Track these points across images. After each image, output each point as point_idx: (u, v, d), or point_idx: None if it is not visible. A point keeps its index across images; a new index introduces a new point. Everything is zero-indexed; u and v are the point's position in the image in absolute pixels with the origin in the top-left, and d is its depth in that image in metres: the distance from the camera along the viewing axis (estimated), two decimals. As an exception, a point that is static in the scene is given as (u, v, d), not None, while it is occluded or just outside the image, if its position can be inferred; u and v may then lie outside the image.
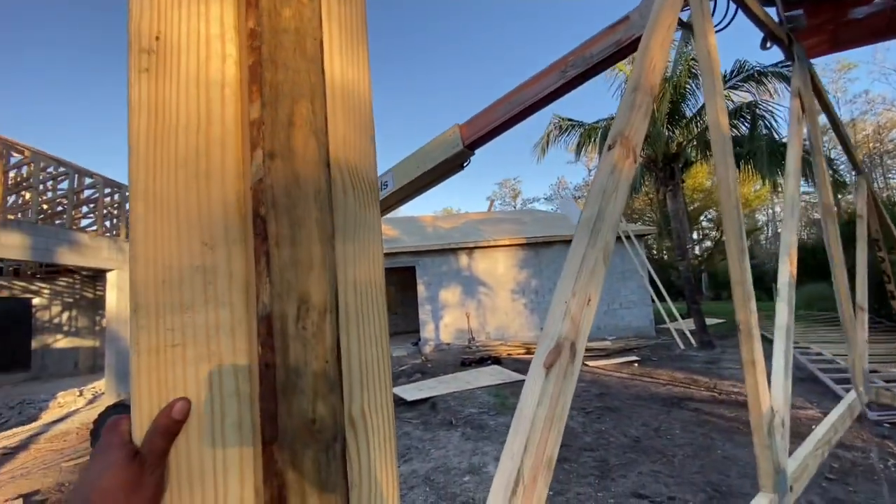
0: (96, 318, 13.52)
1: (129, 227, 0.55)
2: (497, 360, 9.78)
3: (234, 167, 0.52)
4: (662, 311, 11.82)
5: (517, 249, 13.78)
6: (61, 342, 12.96)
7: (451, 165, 4.19)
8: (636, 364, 9.23)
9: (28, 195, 8.28)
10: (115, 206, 9.62)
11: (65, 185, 8.61)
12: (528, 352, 10.89)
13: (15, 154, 7.45)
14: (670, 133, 11.27)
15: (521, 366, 9.13)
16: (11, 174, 8.03)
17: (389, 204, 5.09)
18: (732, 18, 2.49)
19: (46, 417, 7.72)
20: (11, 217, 7.15)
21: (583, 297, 0.93)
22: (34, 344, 12.64)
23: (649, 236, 17.60)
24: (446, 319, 13.43)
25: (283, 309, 0.48)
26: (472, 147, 3.93)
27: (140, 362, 0.45)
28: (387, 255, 13.64)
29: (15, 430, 6.91)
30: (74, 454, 5.41)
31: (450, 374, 8.72)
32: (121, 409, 4.95)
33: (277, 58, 0.52)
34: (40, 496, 4.16)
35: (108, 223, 9.12)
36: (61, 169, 8.20)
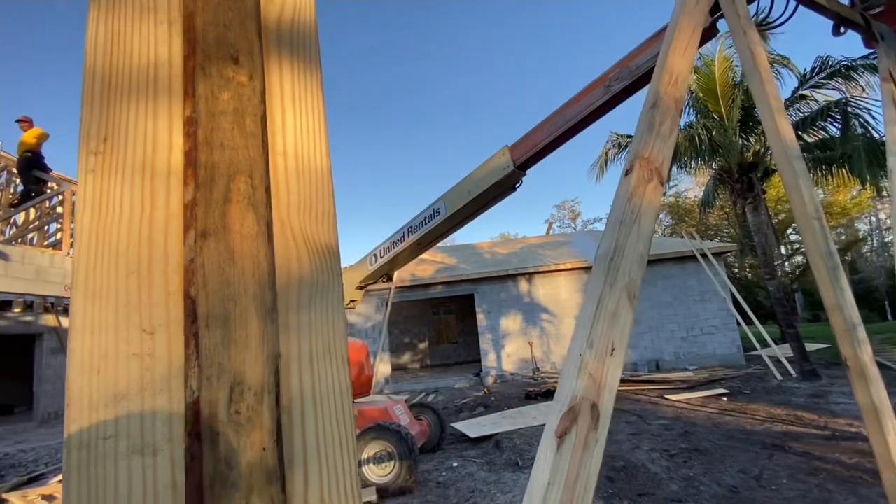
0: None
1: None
2: (562, 392, 9.28)
3: (178, 251, 0.52)
4: (751, 337, 10.66)
5: (581, 273, 13.24)
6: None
7: (503, 187, 4.12)
8: (725, 398, 8.32)
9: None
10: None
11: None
12: (596, 383, 10.24)
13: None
14: (744, 141, 10.46)
15: (588, 398, 8.58)
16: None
17: (443, 231, 5.12)
18: (793, 13, 2.27)
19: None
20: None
21: (603, 345, 0.82)
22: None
23: (729, 254, 16.21)
24: (508, 349, 13.08)
25: (213, 393, 0.45)
26: (522, 167, 3.86)
27: (70, 459, 0.44)
28: (445, 283, 13.70)
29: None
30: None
31: (514, 409, 8.39)
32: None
33: (213, 140, 0.52)
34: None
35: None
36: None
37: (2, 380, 14.10)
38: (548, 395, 9.21)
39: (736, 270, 29.66)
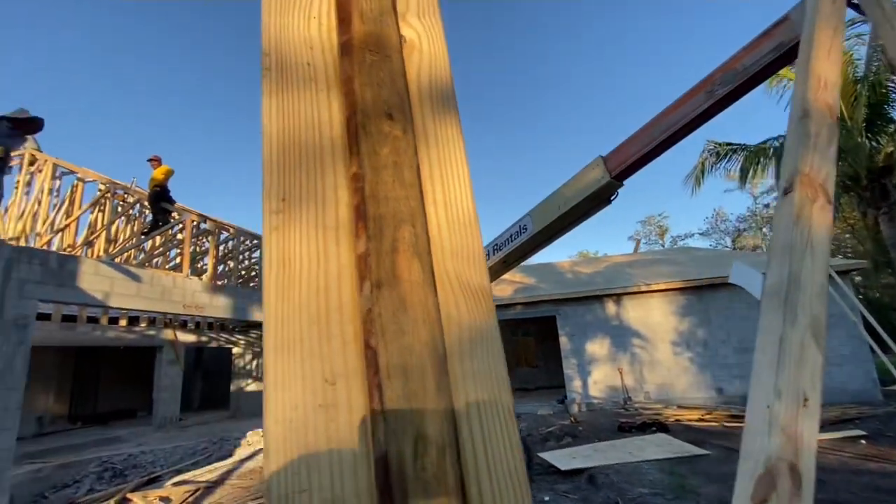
0: (280, 367, 15.91)
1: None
2: (663, 427, 8.43)
3: (351, 301, 0.53)
4: (890, 367, 9.03)
5: (675, 294, 12.23)
6: (251, 386, 15.50)
7: (598, 200, 3.86)
8: (863, 441, 7.10)
9: (231, 264, 10.42)
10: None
11: (256, 254, 10.68)
12: (702, 419, 9.23)
13: (223, 231, 9.54)
14: (873, 143, 9.13)
15: (696, 436, 7.74)
16: (221, 248, 10.26)
17: (530, 248, 4.96)
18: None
19: (239, 454, 9.14)
20: (220, 283, 9.04)
21: (793, 395, 0.70)
22: (232, 387, 15.38)
23: (855, 272, 14.05)
24: (595, 375, 12.36)
25: (400, 447, 0.45)
26: (619, 178, 3.66)
27: (273, 513, 0.46)
28: (525, 304, 13.39)
29: (215, 465, 8.31)
30: (257, 493, 6.23)
31: (606, 441, 7.83)
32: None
33: (378, 193, 0.54)
34: (235, 529, 4.82)
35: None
36: (255, 241, 10.18)
37: (127, 387, 16.27)
38: (644, 427, 8.49)
39: (866, 291, 25.57)
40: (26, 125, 5.99)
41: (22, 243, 7.05)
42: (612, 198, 3.93)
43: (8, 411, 4.72)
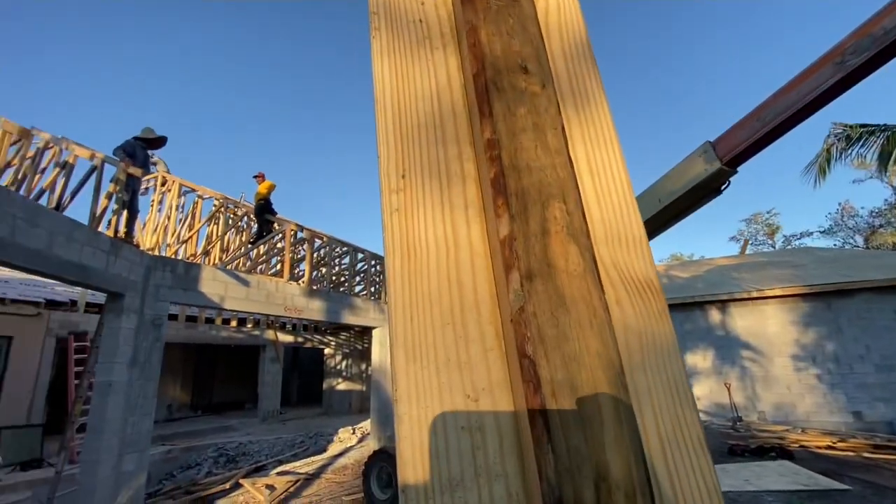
0: (363, 367, 16.62)
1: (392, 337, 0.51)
2: (786, 453, 7.32)
3: (488, 296, 0.43)
4: None
5: (796, 301, 10.65)
6: (341, 385, 16.33)
7: (706, 190, 3.43)
8: None
9: (324, 270, 11.08)
10: (378, 275, 11.92)
11: (346, 260, 11.25)
12: (833, 446, 7.87)
13: (317, 240, 10.17)
14: None
15: (829, 466, 6.62)
16: (314, 255, 10.95)
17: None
18: None
19: (332, 450, 9.62)
20: (315, 288, 9.63)
21: None
22: (324, 385, 16.34)
23: None
24: (697, 391, 11.16)
25: (577, 491, 0.33)
26: (732, 164, 3.21)
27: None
28: (614, 311, 12.58)
29: (311, 458, 8.82)
30: (351, 489, 6.46)
31: (716, 465, 7.00)
32: (384, 456, 5.69)
33: (519, 162, 0.43)
34: (330, 523, 5.03)
35: (371, 289, 11.29)
36: (344, 248, 10.73)
37: (236, 381, 18.13)
38: (760, 452, 7.46)
39: None
40: (154, 143, 6.89)
41: (156, 253, 8.08)
42: (724, 187, 3.48)
43: (147, 399, 5.39)
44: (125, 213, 5.98)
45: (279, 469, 7.86)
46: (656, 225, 3.97)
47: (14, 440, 8.21)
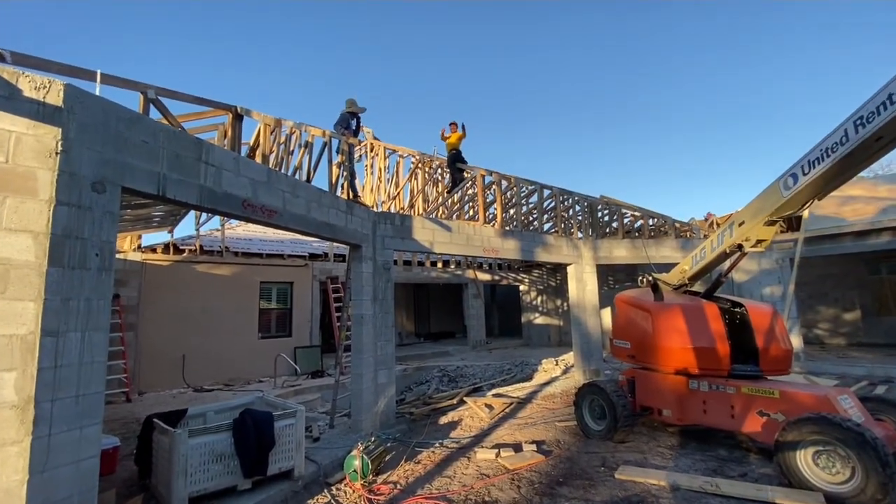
0: (558, 302, 16.80)
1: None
2: None
3: None
4: None
5: None
6: (538, 319, 16.93)
7: None
8: None
9: (512, 211, 11.28)
10: (568, 210, 11.56)
11: (533, 199, 11.21)
12: None
13: (504, 181, 10.35)
14: None
15: None
16: (503, 197, 11.21)
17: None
18: None
19: (538, 378, 10.20)
20: (507, 228, 9.94)
21: None
22: (522, 319, 17.22)
23: None
24: None
25: None
26: None
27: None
28: (894, 229, 9.40)
29: (520, 384, 9.53)
30: (562, 416, 6.80)
31: None
32: (595, 389, 5.74)
33: None
34: (546, 446, 5.43)
35: (561, 225, 11.06)
36: (531, 187, 10.66)
37: (447, 314, 20.76)
38: None
39: None
40: (358, 113, 7.95)
41: (375, 210, 9.54)
42: None
43: (387, 328, 6.65)
44: (351, 177, 7.16)
45: (494, 392, 8.79)
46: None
47: (305, 356, 11.28)
